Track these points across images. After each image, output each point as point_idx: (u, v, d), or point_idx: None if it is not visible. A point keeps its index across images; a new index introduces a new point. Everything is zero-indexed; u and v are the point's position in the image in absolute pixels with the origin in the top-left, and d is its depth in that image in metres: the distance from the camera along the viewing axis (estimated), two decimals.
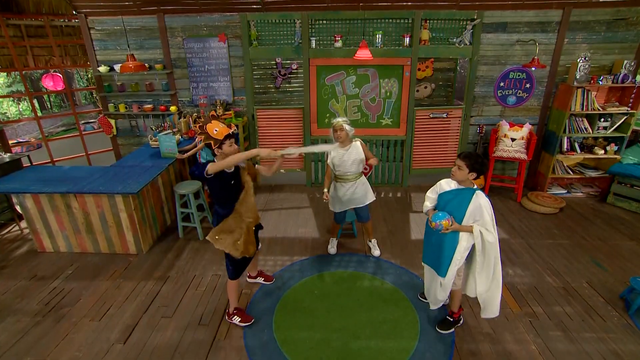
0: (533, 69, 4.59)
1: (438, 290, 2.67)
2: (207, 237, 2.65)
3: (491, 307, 2.58)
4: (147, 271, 3.61)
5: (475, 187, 2.47)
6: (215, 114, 2.57)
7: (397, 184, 5.58)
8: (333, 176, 3.52)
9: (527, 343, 2.72)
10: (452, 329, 2.84)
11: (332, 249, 3.83)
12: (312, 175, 5.57)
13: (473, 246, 2.51)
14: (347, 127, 3.22)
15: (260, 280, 3.41)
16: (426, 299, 3.12)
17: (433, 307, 2.82)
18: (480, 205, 2.41)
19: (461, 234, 2.49)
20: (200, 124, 2.47)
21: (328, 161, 3.42)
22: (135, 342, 2.76)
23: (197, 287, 3.36)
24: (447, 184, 2.57)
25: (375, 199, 3.60)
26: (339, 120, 3.23)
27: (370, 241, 3.82)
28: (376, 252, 3.76)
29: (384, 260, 3.72)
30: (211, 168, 2.44)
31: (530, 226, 4.36)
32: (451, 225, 2.45)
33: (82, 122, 10.91)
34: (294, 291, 3.26)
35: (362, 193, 3.48)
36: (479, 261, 2.51)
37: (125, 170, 4.04)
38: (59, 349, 2.72)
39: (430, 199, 2.68)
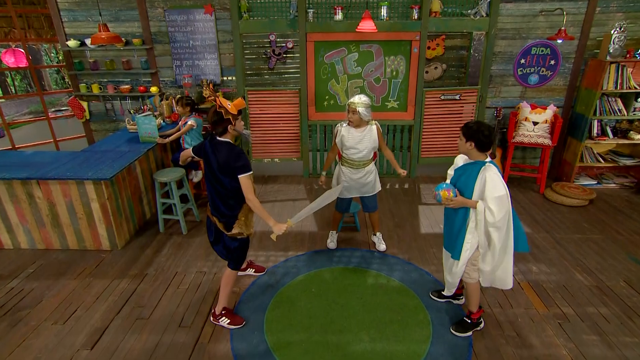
0: (559, 41, 4.47)
1: (448, 271, 2.72)
2: (233, 232, 2.59)
3: (501, 282, 2.57)
4: (122, 268, 3.51)
5: (486, 160, 2.42)
6: (211, 88, 2.46)
7: None
8: (338, 159, 3.41)
9: (557, 347, 2.63)
10: (470, 333, 2.73)
11: (332, 243, 3.74)
12: (310, 165, 5.46)
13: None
14: (362, 110, 3.10)
15: (250, 271, 3.36)
16: (439, 297, 3.08)
17: (447, 292, 2.80)
18: (485, 178, 2.36)
19: (472, 212, 2.47)
20: (210, 94, 2.43)
21: (337, 140, 3.30)
22: (105, 347, 2.66)
23: (179, 286, 3.27)
24: (461, 159, 2.60)
25: (380, 188, 3.54)
26: (356, 100, 3.11)
27: (375, 235, 3.73)
28: (382, 246, 3.67)
29: (390, 256, 3.64)
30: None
31: (556, 219, 4.27)
32: (453, 197, 2.44)
33: (52, 109, 10.57)
34: (288, 289, 3.19)
35: (371, 181, 3.41)
36: (481, 241, 2.49)
37: (97, 155, 3.92)
38: (14, 357, 2.59)
39: (449, 176, 2.69)
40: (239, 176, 2.43)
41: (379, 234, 3.75)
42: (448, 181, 2.65)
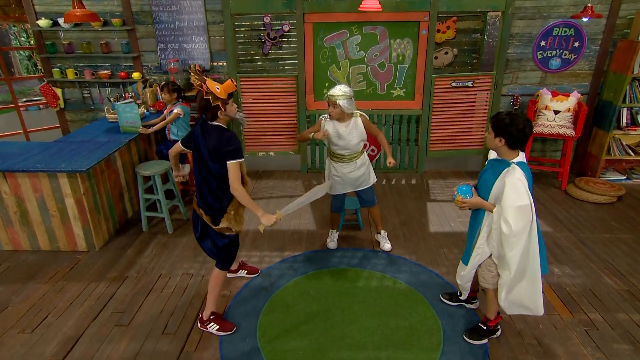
0: (584, 20, 4.41)
1: (460, 271, 2.68)
2: (221, 226, 2.54)
3: (532, 309, 2.43)
4: (100, 271, 3.47)
5: (514, 160, 2.28)
6: (198, 71, 2.43)
7: (411, 168, 5.44)
8: (327, 152, 3.42)
9: (584, 357, 2.58)
10: (485, 340, 2.68)
11: (332, 242, 3.71)
12: (309, 159, 5.42)
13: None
14: (342, 103, 3.07)
15: (242, 273, 3.34)
16: (450, 301, 3.04)
17: (462, 296, 2.82)
18: (506, 182, 2.21)
19: (487, 215, 2.38)
20: (197, 79, 2.41)
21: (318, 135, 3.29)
22: (78, 356, 2.62)
23: (163, 289, 3.23)
24: (493, 154, 2.47)
25: (377, 179, 3.53)
26: (337, 92, 3.09)
27: (379, 233, 3.70)
28: (386, 246, 3.63)
29: (396, 256, 3.61)
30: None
31: (580, 217, 4.23)
32: (467, 198, 2.38)
33: (24, 99, 10.44)
34: (284, 292, 3.16)
35: (364, 173, 3.40)
36: (494, 252, 2.41)
37: (72, 146, 3.87)
38: None
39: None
40: (227, 162, 2.39)
41: (384, 232, 3.71)
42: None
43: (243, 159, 2.45)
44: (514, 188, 2.19)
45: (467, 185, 2.43)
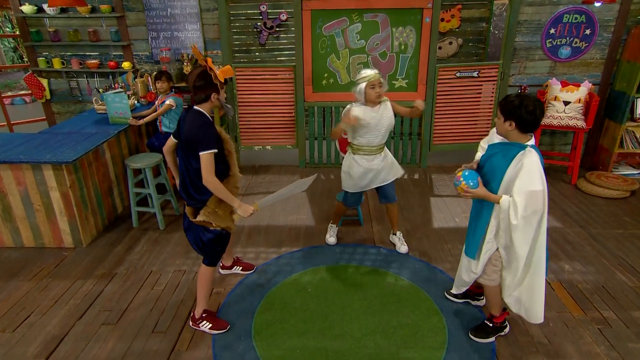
0: (597, 4, 4.38)
1: (463, 267, 2.64)
2: (199, 218, 2.50)
3: (531, 312, 2.44)
4: (87, 268, 3.42)
5: (528, 143, 2.22)
6: (197, 50, 2.42)
7: (413, 163, 5.40)
8: (350, 148, 3.32)
9: (598, 357, 2.54)
10: (492, 338, 2.64)
11: (332, 238, 3.68)
12: (307, 153, 5.39)
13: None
14: (384, 82, 3.09)
15: (237, 269, 3.31)
16: (455, 298, 3.00)
17: (455, 290, 2.80)
18: (522, 166, 2.16)
19: (496, 207, 2.32)
20: (199, 56, 2.42)
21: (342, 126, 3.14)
22: (62, 356, 2.57)
23: (154, 286, 3.20)
24: (498, 139, 2.40)
25: (403, 171, 3.48)
26: (377, 72, 3.06)
27: (395, 234, 3.63)
28: (403, 248, 3.55)
29: (397, 252, 3.57)
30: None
31: (591, 213, 4.20)
32: (471, 188, 2.31)
33: (9, 92, 10.37)
34: (281, 289, 3.12)
35: (389, 166, 3.34)
36: (501, 242, 2.36)
37: (58, 137, 3.83)
38: None
39: (482, 148, 2.59)
40: (199, 153, 2.34)
41: (399, 233, 3.62)
42: (478, 156, 2.55)
43: (216, 150, 2.38)
44: (529, 172, 2.14)
45: (473, 171, 2.38)
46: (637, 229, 3.89)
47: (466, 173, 2.36)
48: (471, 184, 2.32)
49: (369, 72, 3.06)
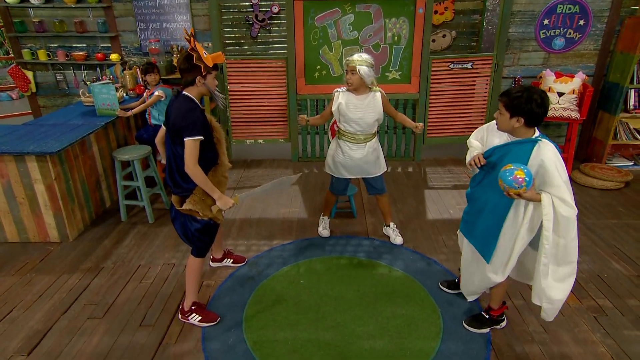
0: None
1: (480, 275, 2.46)
2: (185, 206, 2.45)
3: (555, 307, 2.26)
4: (73, 262, 3.36)
5: (537, 136, 2.14)
6: (193, 47, 2.35)
7: (407, 157, 5.37)
8: (337, 131, 3.28)
9: (594, 345, 2.53)
10: (487, 329, 2.62)
11: (324, 230, 3.63)
12: (300, 147, 5.33)
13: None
14: (364, 70, 2.93)
15: (228, 262, 3.26)
16: (449, 289, 2.95)
17: (469, 298, 2.72)
18: (544, 161, 2.05)
19: (522, 206, 2.18)
20: (187, 37, 2.35)
21: (333, 108, 3.16)
22: (45, 352, 2.51)
23: (142, 280, 3.14)
24: (499, 136, 2.26)
25: (387, 169, 3.37)
26: (355, 58, 2.95)
27: (388, 226, 3.60)
28: (398, 239, 3.52)
29: (391, 244, 3.54)
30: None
31: (586, 204, 4.21)
32: (526, 189, 2.03)
33: None
34: (273, 281, 3.08)
35: (373, 160, 3.26)
36: (548, 250, 2.12)
37: (42, 129, 3.75)
38: None
39: (473, 148, 2.43)
40: (184, 139, 2.28)
41: (393, 224, 3.59)
42: (476, 144, 2.42)
43: (201, 137, 2.32)
44: (555, 164, 2.04)
45: (530, 171, 2.06)
46: (631, 219, 3.90)
47: (528, 175, 2.01)
48: (529, 187, 2.05)
49: (350, 57, 2.99)
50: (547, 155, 2.05)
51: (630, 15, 4.67)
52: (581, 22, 4.74)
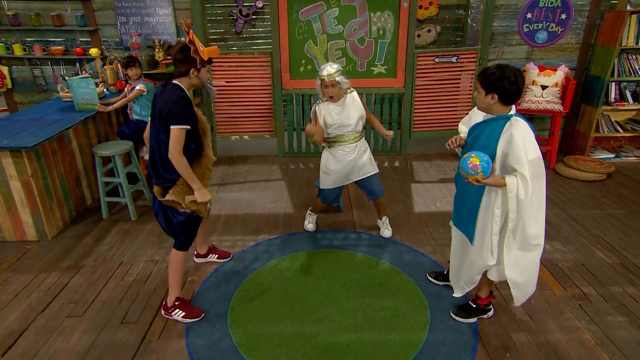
0: None
1: (465, 265, 2.50)
2: (167, 197, 2.40)
3: (523, 292, 2.34)
4: (52, 261, 3.26)
5: (512, 113, 2.17)
6: (191, 39, 2.30)
7: (394, 152, 5.37)
8: (327, 143, 3.24)
9: (579, 331, 2.55)
10: (474, 319, 2.62)
11: (310, 224, 3.60)
12: (286, 142, 5.28)
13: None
14: (341, 79, 2.99)
15: (213, 257, 3.21)
16: (437, 280, 2.95)
17: (457, 293, 2.72)
18: (512, 135, 2.08)
19: (493, 191, 2.23)
20: (184, 27, 2.33)
21: (320, 123, 3.14)
22: (21, 352, 2.42)
23: (124, 277, 3.07)
24: (482, 118, 2.31)
25: (377, 171, 3.38)
26: (331, 71, 2.95)
27: (380, 219, 3.58)
28: (387, 232, 3.51)
29: (378, 237, 3.53)
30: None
31: (570, 195, 4.26)
32: (483, 176, 2.08)
33: None
34: (258, 275, 3.03)
35: (366, 159, 3.24)
36: (510, 229, 2.23)
37: (17, 124, 3.63)
38: None
39: (462, 133, 2.51)
40: (170, 127, 2.24)
41: (385, 218, 3.57)
42: (463, 130, 2.49)
43: (188, 126, 2.29)
44: (523, 140, 2.05)
45: (489, 159, 2.08)
46: (613, 209, 3.96)
47: (485, 162, 2.05)
48: (487, 172, 2.08)
49: (324, 72, 2.98)
50: (517, 131, 2.07)
51: (610, 9, 4.73)
52: (563, 16, 4.80)
